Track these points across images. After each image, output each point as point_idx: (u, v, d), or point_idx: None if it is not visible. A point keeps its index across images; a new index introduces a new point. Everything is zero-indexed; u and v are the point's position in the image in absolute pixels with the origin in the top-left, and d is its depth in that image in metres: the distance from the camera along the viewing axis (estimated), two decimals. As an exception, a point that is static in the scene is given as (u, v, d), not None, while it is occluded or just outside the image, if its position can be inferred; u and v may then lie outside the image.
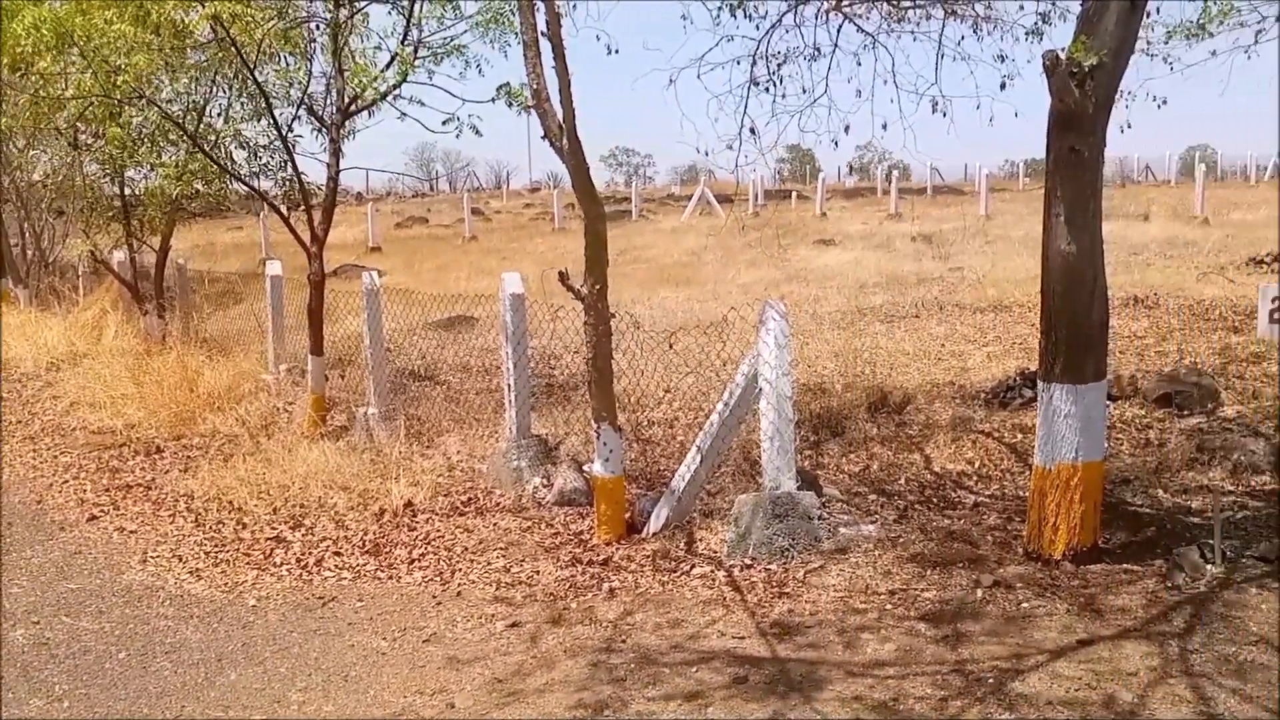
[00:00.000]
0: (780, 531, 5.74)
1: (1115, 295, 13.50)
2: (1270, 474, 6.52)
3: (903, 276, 16.59)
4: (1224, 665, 4.19)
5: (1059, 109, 4.85)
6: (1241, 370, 9.39)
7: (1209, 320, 11.90)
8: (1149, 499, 6.26)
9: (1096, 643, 4.43)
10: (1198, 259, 17.32)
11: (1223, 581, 4.97)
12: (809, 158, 61.22)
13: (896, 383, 9.29)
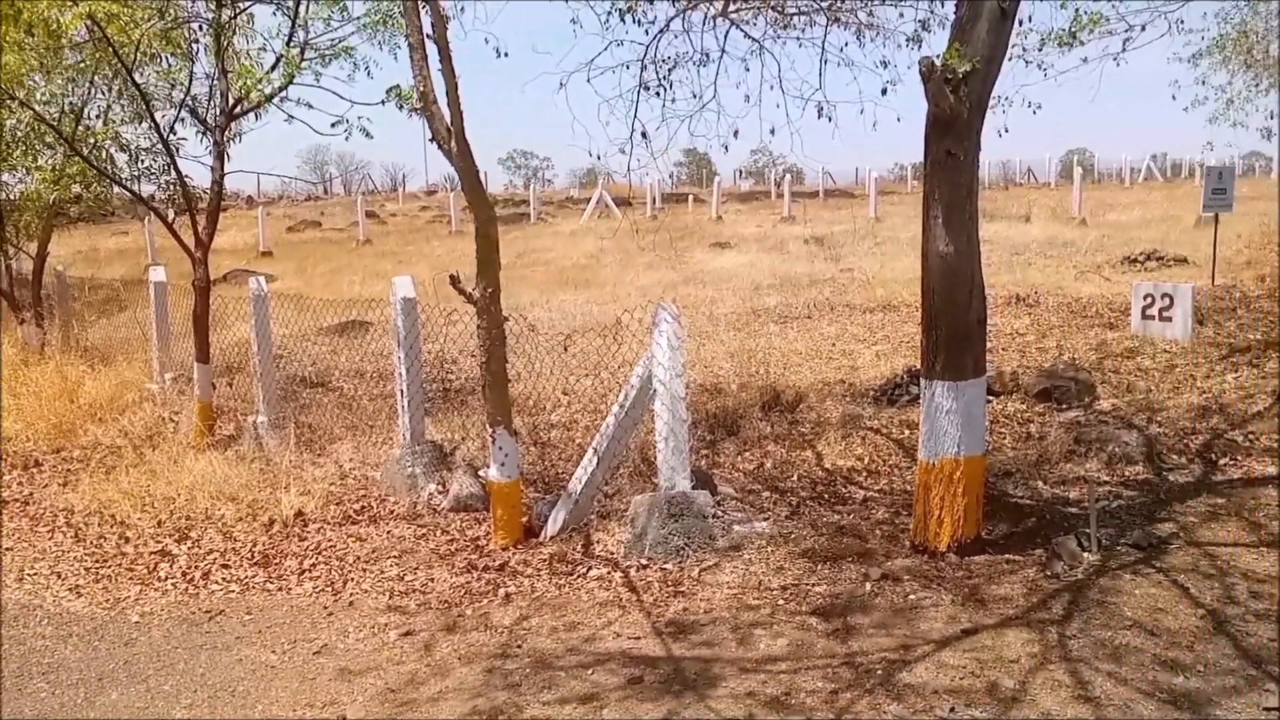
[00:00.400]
0: (676, 531, 5.78)
1: (998, 294, 14.03)
2: (1143, 464, 6.82)
3: (796, 278, 16.88)
4: (1100, 649, 4.37)
5: (935, 114, 5.00)
6: (1117, 365, 9.81)
7: (1086, 317, 12.39)
8: (1030, 490, 6.49)
9: (980, 631, 4.57)
10: (1076, 258, 18.03)
11: (1099, 569, 5.19)
12: (705, 162, 61.79)
13: (790, 382, 9.45)
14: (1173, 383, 9.10)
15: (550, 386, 9.11)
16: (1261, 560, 5.24)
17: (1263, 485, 6.35)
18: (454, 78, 5.83)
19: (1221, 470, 6.71)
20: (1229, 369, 9.44)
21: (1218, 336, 10.90)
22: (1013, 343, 11.11)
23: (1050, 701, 3.97)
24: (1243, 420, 7.71)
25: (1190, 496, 6.22)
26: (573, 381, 9.25)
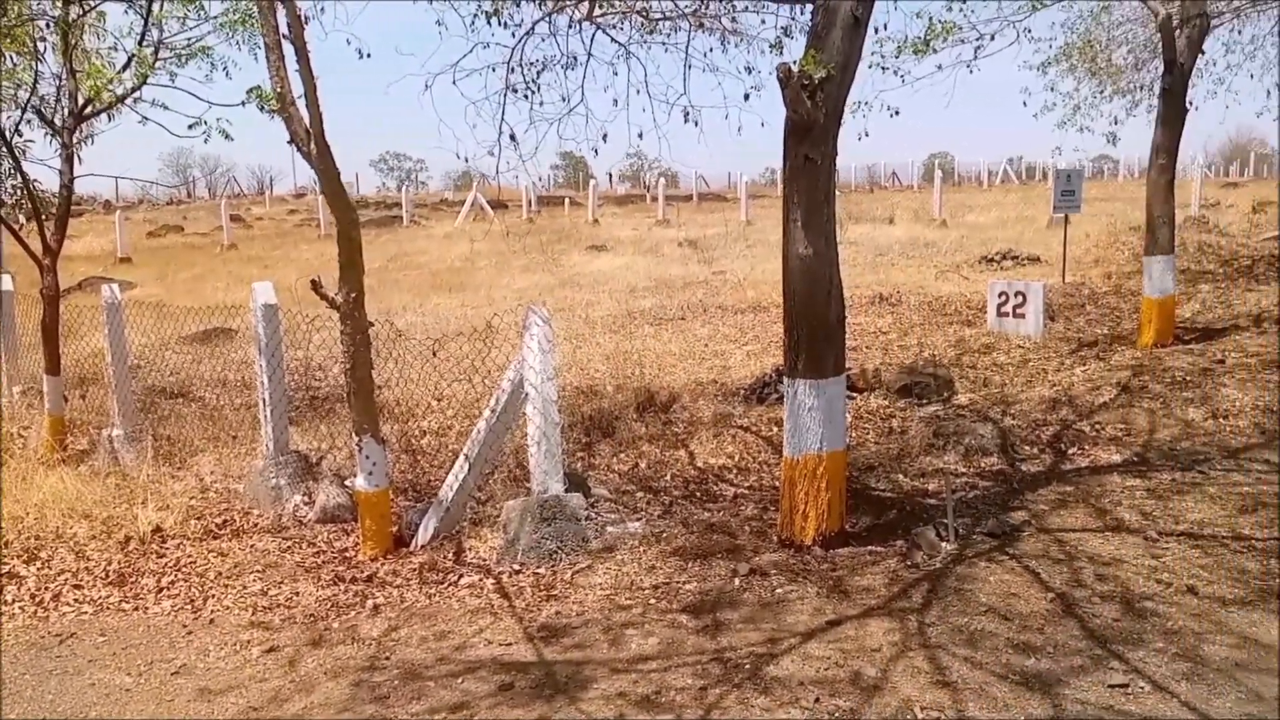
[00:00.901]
0: (548, 535, 5.77)
1: (863, 294, 14.46)
2: (997, 455, 7.12)
3: (670, 280, 17.07)
4: (957, 635, 4.54)
5: (793, 119, 5.12)
6: (974, 360, 10.22)
7: (946, 315, 12.89)
8: (891, 483, 6.71)
9: (844, 622, 4.70)
10: (936, 258, 18.71)
11: (956, 557, 5.39)
12: (582, 165, 61.85)
13: (664, 383, 9.55)
14: (1026, 377, 9.54)
15: (422, 392, 8.98)
16: (1107, 544, 5.53)
17: (1108, 473, 6.70)
18: (312, 79, 5.69)
19: (1070, 459, 7.06)
20: (1078, 363, 9.94)
21: (1068, 332, 11.47)
22: (876, 341, 11.47)
23: (910, 688, 4.11)
24: (1090, 411, 8.12)
25: (1041, 485, 6.52)
26: (445, 387, 9.14)
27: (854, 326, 12.36)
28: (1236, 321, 11.51)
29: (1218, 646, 4.33)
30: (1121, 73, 15.61)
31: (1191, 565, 5.18)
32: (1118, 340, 10.79)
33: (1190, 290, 14.00)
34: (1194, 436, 7.38)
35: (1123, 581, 5.01)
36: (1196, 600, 4.78)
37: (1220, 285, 14.35)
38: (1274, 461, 6.76)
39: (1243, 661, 4.19)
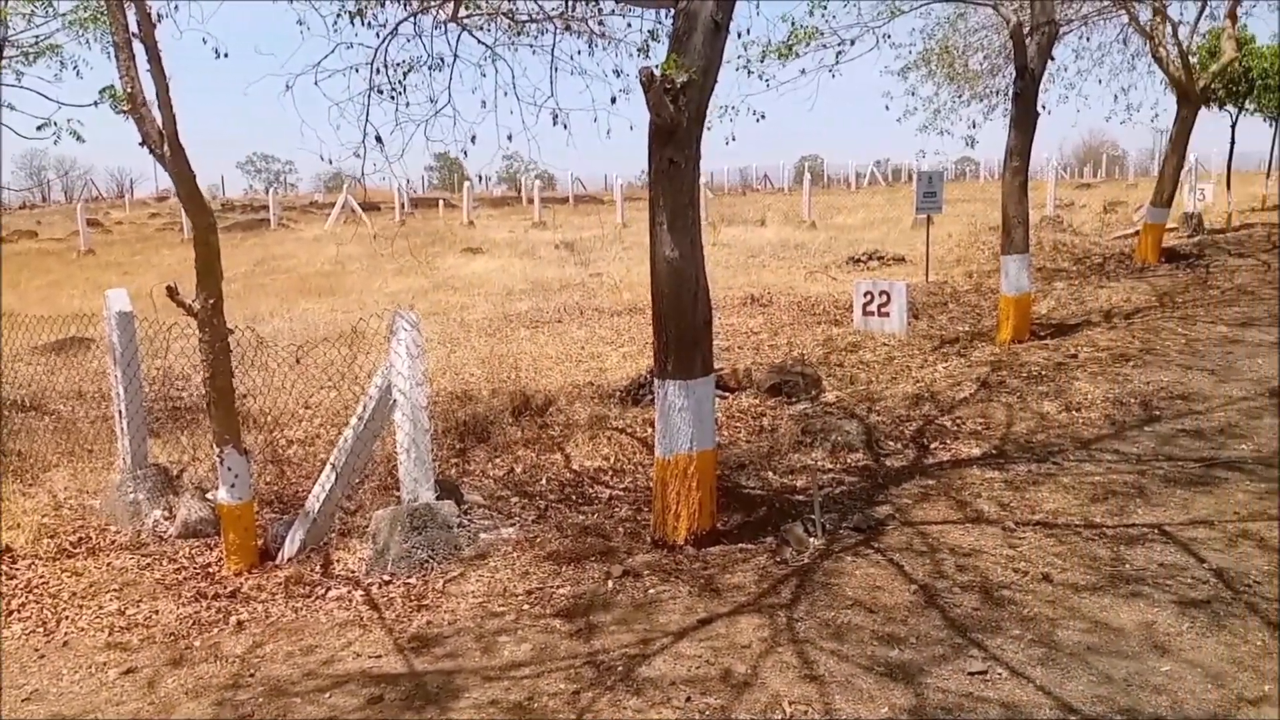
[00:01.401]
0: (419, 544, 5.67)
1: (735, 295, 14.68)
2: (863, 451, 7.32)
3: (547, 282, 17.01)
4: (825, 629, 4.64)
5: (657, 123, 5.15)
6: (842, 359, 10.48)
7: (815, 315, 13.18)
8: (762, 481, 6.82)
9: (715, 620, 4.75)
10: (806, 259, 19.14)
11: (824, 552, 5.51)
12: (457, 166, 61.11)
13: (541, 386, 9.50)
14: (891, 374, 9.83)
15: (290, 400, 8.72)
16: (967, 535, 5.73)
17: (968, 466, 6.95)
18: (164, 79, 5.47)
19: (932, 454, 7.30)
20: (940, 359, 10.29)
21: (931, 329, 11.87)
22: (748, 341, 11.65)
23: (779, 683, 4.18)
24: (951, 406, 8.42)
25: (905, 479, 6.73)
26: (313, 394, 8.90)
27: (726, 327, 12.55)
28: (1089, 317, 12.10)
29: (1071, 631, 4.52)
30: (978, 78, 16.28)
31: (1046, 553, 5.41)
32: (978, 337, 11.22)
33: (1046, 288, 14.66)
34: (1049, 429, 7.72)
35: (982, 571, 5.20)
36: (1051, 587, 4.99)
37: (1074, 282, 15.06)
38: (1123, 451, 7.13)
39: (1094, 645, 4.40)
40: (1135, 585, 4.94)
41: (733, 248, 21.67)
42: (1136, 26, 16.00)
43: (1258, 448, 7.00)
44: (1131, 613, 4.66)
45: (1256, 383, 8.60)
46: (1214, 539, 5.49)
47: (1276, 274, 14.19)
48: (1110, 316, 11.91)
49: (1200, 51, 18.99)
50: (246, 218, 36.14)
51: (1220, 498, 6.10)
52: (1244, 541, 5.43)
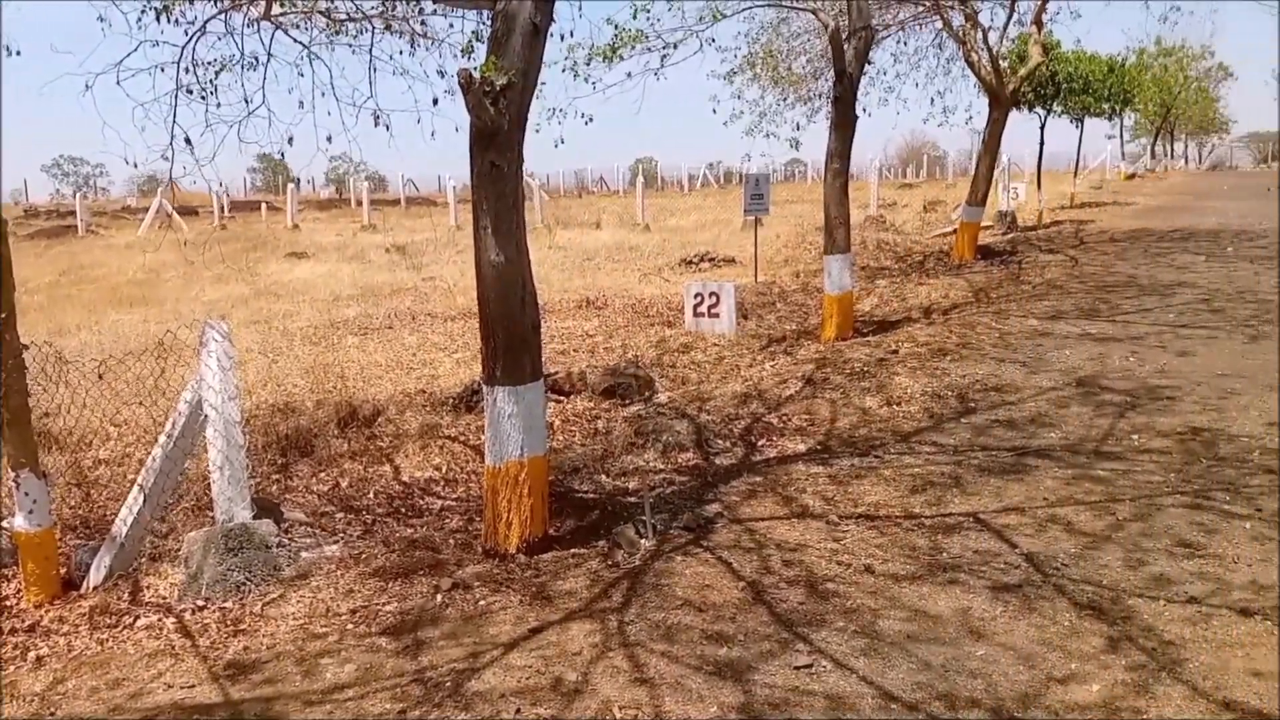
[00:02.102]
0: (235, 566, 5.37)
1: (571, 298, 14.64)
2: (693, 451, 7.38)
3: (377, 288, 16.55)
4: (655, 631, 4.62)
5: (478, 126, 5.04)
6: (674, 359, 10.58)
7: (649, 316, 13.27)
8: (595, 485, 6.78)
9: (546, 629, 4.67)
10: (640, 262, 19.28)
11: (655, 553, 5.51)
12: (281, 168, 58.99)
13: (369, 395, 9.20)
14: (722, 373, 9.97)
15: (96, 419, 8.15)
16: (793, 530, 5.84)
17: (794, 462, 7.10)
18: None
19: (760, 451, 7.42)
20: (768, 358, 10.52)
21: (760, 329, 12.13)
22: (583, 344, 11.62)
23: (610, 688, 4.13)
24: (778, 404, 8.60)
25: (734, 477, 6.81)
26: (120, 412, 8.34)
27: (562, 330, 12.49)
28: (910, 314, 12.62)
29: (892, 621, 4.65)
30: (802, 81, 16.77)
31: (869, 545, 5.56)
32: (804, 335, 11.53)
33: (869, 285, 15.22)
34: (871, 423, 7.97)
35: (807, 565, 5.30)
36: (873, 578, 5.13)
37: (896, 280, 15.69)
38: (941, 443, 7.42)
39: (913, 633, 4.53)
40: (952, 573, 5.13)
41: (568, 250, 21.64)
42: (950, 32, 16.82)
43: (1065, 435, 7.41)
44: (949, 600, 4.83)
45: (1064, 373, 9.13)
46: (1025, 525, 5.76)
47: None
48: (929, 313, 12.44)
49: (1010, 56, 20.11)
50: (52, 224, 33.84)
51: (1030, 485, 6.42)
52: (1052, 526, 5.72)
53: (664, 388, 9.43)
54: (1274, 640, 4.30)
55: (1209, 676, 4.04)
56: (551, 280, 16.91)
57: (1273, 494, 6.00)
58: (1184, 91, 55.62)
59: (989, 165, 17.80)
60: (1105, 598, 4.77)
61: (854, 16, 10.37)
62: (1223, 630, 4.41)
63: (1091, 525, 5.69)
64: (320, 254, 21.98)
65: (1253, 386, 8.37)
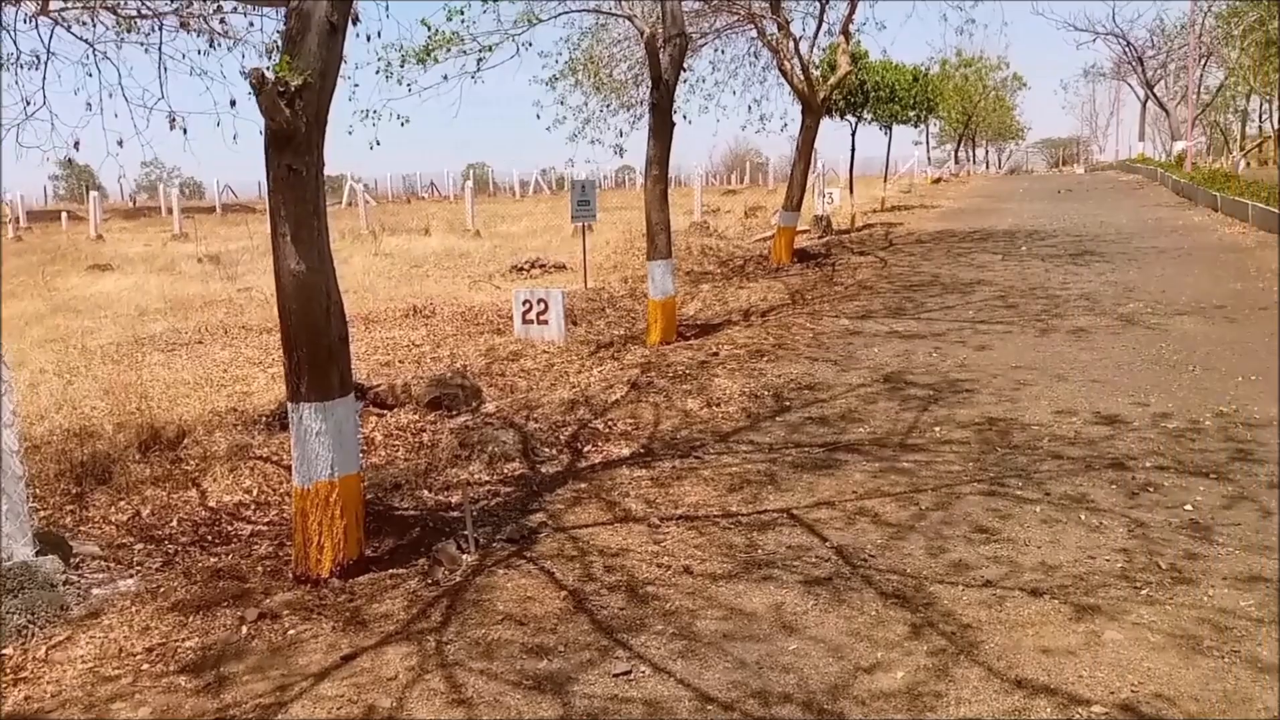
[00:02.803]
0: (16, 608, 4.96)
1: (397, 307, 14.30)
2: (519, 460, 7.30)
3: (188, 300, 15.75)
4: (475, 649, 4.52)
5: (273, 128, 4.83)
6: (503, 367, 10.46)
7: (478, 324, 13.10)
8: (417, 500, 6.61)
9: (360, 655, 4.50)
10: (470, 268, 19.05)
11: (476, 568, 5.40)
12: (86, 174, 55.52)
13: (175, 415, 8.72)
14: (550, 380, 9.93)
15: None
16: (616, 535, 5.84)
17: (618, 466, 7.12)
18: None
19: (586, 457, 7.41)
20: (596, 364, 10.54)
21: (589, 335, 12.15)
22: (409, 354, 11.37)
23: (425, 712, 4.02)
24: (604, 409, 8.61)
25: (559, 485, 6.77)
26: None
27: (387, 341, 12.18)
28: (730, 317, 12.89)
29: (709, 621, 4.70)
30: (624, 87, 16.90)
31: (688, 546, 5.61)
32: (631, 340, 11.61)
33: (694, 290, 15.49)
34: (692, 425, 8.08)
35: (629, 570, 5.31)
36: (692, 579, 5.18)
37: (718, 284, 16.02)
38: (758, 442, 7.58)
39: (730, 632, 4.59)
40: (767, 569, 5.23)
41: (395, 258, 21.16)
42: (764, 41, 17.28)
43: (873, 430, 7.70)
44: (763, 596, 4.93)
45: (873, 370, 9.50)
46: (835, 518, 5.94)
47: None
48: (749, 315, 12.75)
49: (822, 65, 20.85)
50: None
51: (841, 479, 6.63)
52: (860, 518, 5.91)
53: (492, 397, 9.31)
54: (1061, 618, 4.57)
55: (1003, 657, 4.25)
56: (377, 288, 16.49)
57: (1059, 478, 6.40)
58: (983, 100, 59.16)
59: (803, 171, 18.39)
60: (909, 586, 4.96)
61: (668, 24, 10.50)
62: (1015, 611, 4.65)
63: (897, 516, 5.92)
64: (126, 266, 20.77)
65: (1043, 377, 8.93)
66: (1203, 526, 5.56)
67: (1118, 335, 10.46)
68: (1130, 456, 6.75)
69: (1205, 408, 7.76)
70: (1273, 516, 5.65)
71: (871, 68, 25.93)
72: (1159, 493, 6.10)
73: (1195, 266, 14.95)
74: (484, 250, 21.75)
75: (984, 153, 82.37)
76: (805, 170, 18.67)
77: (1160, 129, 63.91)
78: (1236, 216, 21.21)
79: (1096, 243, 18.50)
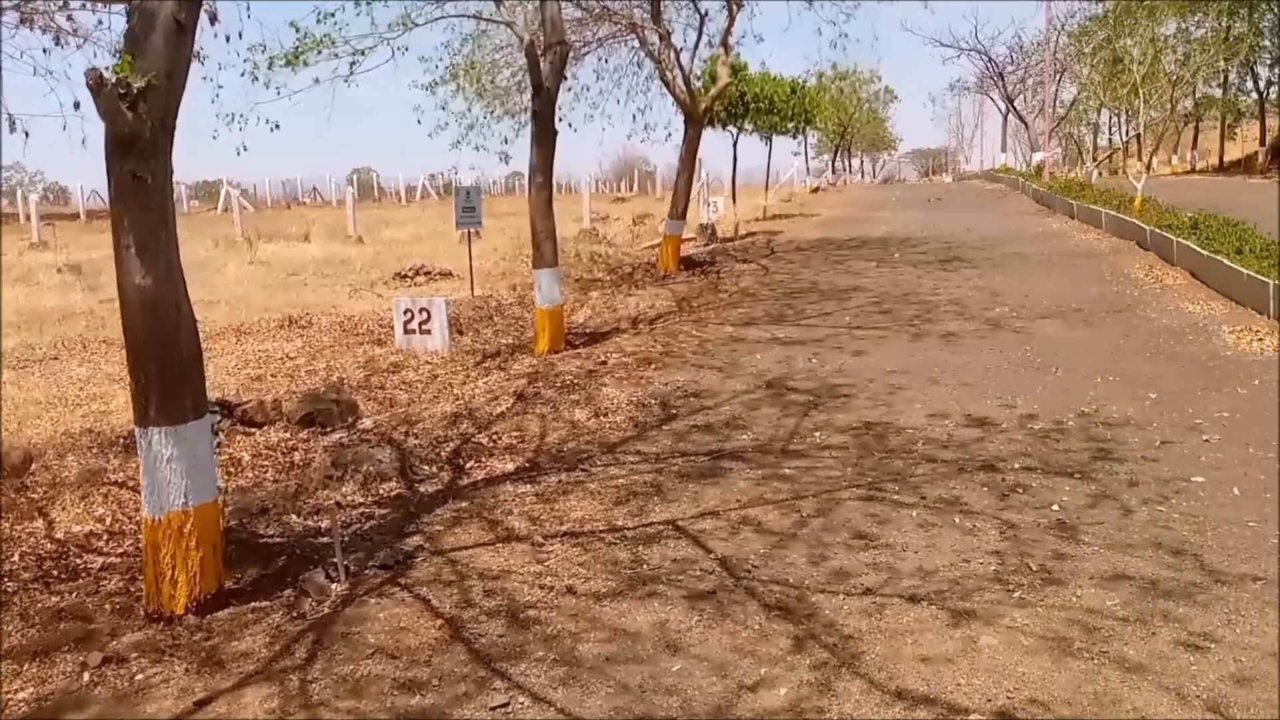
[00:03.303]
0: None
1: (272, 317, 13.78)
2: (396, 480, 7.02)
3: (45, 313, 14.89)
4: (342, 687, 4.25)
5: (114, 132, 4.49)
6: (383, 380, 10.13)
7: (358, 335, 12.70)
8: (284, 526, 6.27)
9: (215, 699, 4.19)
10: (351, 276, 18.52)
11: (347, 598, 5.12)
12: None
13: (23, 439, 8.15)
14: (433, 393, 9.64)
15: None
16: (498, 556, 5.63)
17: (502, 482, 6.90)
18: None
19: (468, 474, 7.17)
20: (481, 374, 10.29)
21: (475, 344, 11.88)
22: (284, 367, 10.93)
23: (286, 758, 3.76)
24: (489, 422, 8.38)
25: (438, 505, 6.52)
26: None
27: (260, 353, 11.70)
28: (619, 324, 12.77)
29: (591, 644, 4.54)
30: (508, 94, 16.65)
31: (572, 565, 5.44)
32: (519, 349, 11.39)
33: (583, 298, 15.33)
34: (579, 436, 7.92)
35: (509, 593, 5.11)
36: (575, 600, 5.01)
37: (607, 291, 15.90)
38: (644, 452, 7.46)
39: (613, 655, 4.44)
40: (651, 585, 5.10)
41: (272, 266, 20.48)
42: (647, 51, 17.27)
43: (756, 436, 7.67)
44: (647, 614, 4.79)
45: (755, 376, 9.49)
46: (720, 528, 5.85)
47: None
48: (637, 323, 12.65)
49: (704, 77, 20.93)
50: None
51: (725, 487, 6.55)
52: (744, 528, 5.84)
53: (369, 412, 8.98)
54: (939, 624, 4.55)
55: (884, 667, 4.20)
56: (251, 298, 15.88)
57: (934, 482, 6.46)
58: (857, 112, 60.77)
59: (687, 181, 18.46)
60: (791, 596, 4.90)
61: (549, 31, 10.33)
62: (894, 619, 4.62)
63: (779, 524, 5.87)
64: (-24, 278, 19.55)
65: (916, 381, 9.07)
66: (1069, 526, 5.66)
67: (985, 339, 10.75)
68: (1000, 458, 6.86)
69: (1068, 408, 7.99)
70: (1132, 514, 5.79)
71: (751, 80, 26.19)
72: (1027, 494, 6.20)
73: (1055, 272, 15.59)
74: (367, 257, 21.20)
75: (859, 163, 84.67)
76: (689, 180, 18.74)
77: (1020, 140, 66.70)
78: (1091, 223, 22.38)
79: (964, 249, 19.15)
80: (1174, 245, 15.16)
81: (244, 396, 9.39)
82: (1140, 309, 12.09)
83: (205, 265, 20.72)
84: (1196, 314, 11.63)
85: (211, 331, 13.20)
